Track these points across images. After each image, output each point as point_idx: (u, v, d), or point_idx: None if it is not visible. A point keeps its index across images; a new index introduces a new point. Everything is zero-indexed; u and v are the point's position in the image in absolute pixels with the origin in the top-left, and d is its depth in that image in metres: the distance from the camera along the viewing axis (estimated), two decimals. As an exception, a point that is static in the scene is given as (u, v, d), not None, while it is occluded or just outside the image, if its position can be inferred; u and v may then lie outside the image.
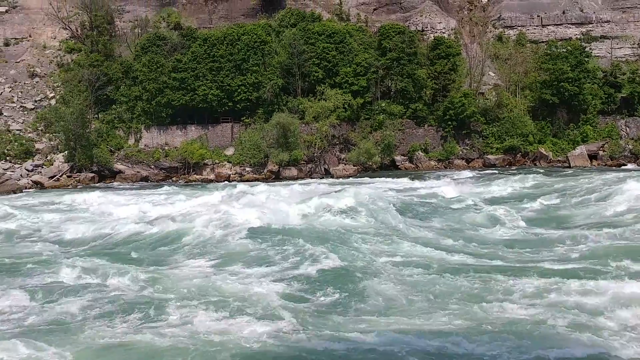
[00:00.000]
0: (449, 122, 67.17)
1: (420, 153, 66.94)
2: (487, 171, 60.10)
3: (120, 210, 37.03)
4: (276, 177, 61.21)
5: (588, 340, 15.62)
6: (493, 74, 74.66)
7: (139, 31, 77.40)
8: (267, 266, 23.68)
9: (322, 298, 20.00)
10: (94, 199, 42.55)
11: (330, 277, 21.79)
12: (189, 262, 25.20)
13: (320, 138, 63.77)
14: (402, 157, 67.31)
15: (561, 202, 37.60)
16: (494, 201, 39.24)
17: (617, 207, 33.41)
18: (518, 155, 67.29)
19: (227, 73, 66.40)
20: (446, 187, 44.01)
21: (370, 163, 64.14)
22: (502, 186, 45.56)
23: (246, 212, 32.15)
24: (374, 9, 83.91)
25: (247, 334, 16.53)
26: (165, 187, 52.29)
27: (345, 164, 64.65)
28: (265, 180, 59.04)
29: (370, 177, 56.82)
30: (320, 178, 60.50)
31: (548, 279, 20.65)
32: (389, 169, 65.51)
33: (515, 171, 58.43)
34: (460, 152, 67.96)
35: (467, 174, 57.12)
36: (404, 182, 50.02)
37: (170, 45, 68.98)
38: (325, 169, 64.26)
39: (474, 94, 69.09)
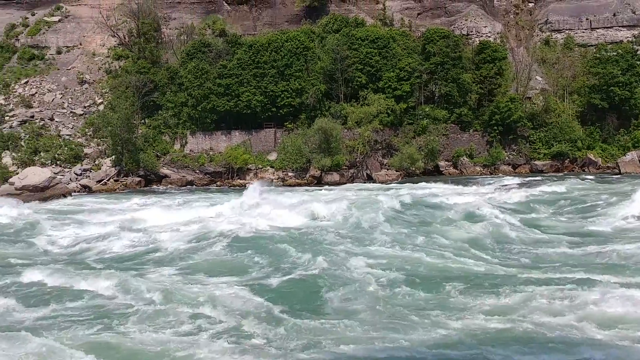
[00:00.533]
0: (495, 127, 66.07)
1: (465, 158, 66.00)
2: (534, 177, 58.91)
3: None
4: (318, 182, 61.23)
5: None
6: (540, 79, 73.09)
7: (185, 38, 78.70)
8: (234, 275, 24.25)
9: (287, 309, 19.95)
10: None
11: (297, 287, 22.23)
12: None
13: (362, 143, 63.51)
14: (446, 162, 66.50)
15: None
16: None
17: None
18: (566, 161, 65.66)
19: (270, 79, 66.85)
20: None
21: (413, 168, 63.56)
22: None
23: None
24: (418, 14, 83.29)
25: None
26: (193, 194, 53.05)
27: (387, 169, 64.23)
28: (308, 185, 59.18)
29: (413, 182, 56.28)
30: (363, 183, 60.26)
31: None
32: (433, 174, 64.73)
33: (561, 177, 57.43)
34: (507, 158, 66.72)
35: (512, 180, 56.14)
36: (445, 187, 49.60)
37: (215, 51, 69.88)
38: (367, 174, 63.93)
39: (520, 98, 67.75)
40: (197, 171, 65.22)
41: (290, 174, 63.62)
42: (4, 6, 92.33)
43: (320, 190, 51.62)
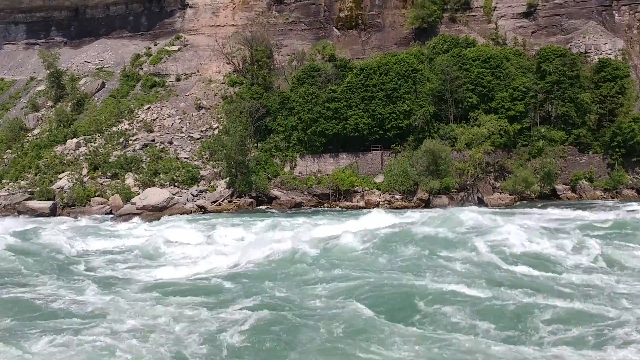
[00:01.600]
0: (617, 149, 62.16)
1: (584, 182, 62.42)
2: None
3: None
4: (426, 205, 60.11)
5: None
6: (668, 97, 68.10)
7: (296, 64, 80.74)
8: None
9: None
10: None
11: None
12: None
13: (473, 165, 61.75)
14: (564, 186, 63.17)
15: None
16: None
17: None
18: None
19: (379, 102, 66.86)
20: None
21: (528, 192, 60.90)
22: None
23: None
24: (532, 32, 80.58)
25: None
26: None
27: (500, 193, 61.94)
28: (415, 208, 58.24)
29: (529, 207, 53.83)
30: (475, 206, 58.43)
31: None
32: (550, 198, 61.63)
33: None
34: (630, 182, 62.40)
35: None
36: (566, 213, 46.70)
37: (324, 76, 71.03)
38: (478, 197, 61.96)
39: (645, 118, 63.38)
40: (306, 193, 66.13)
41: (397, 196, 62.97)
42: (131, 38, 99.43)
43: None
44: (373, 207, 59.66)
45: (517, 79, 65.69)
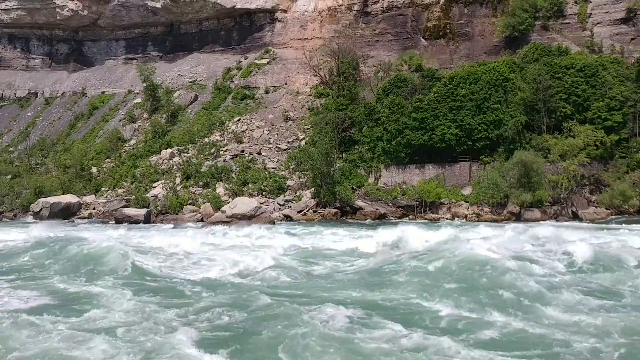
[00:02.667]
0: None
1: (689, 196, 58.42)
2: None
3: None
4: (517, 218, 58.13)
5: None
6: None
7: (382, 75, 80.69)
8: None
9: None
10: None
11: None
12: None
13: (567, 178, 59.21)
14: (666, 200, 59.35)
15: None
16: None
17: None
18: None
19: (467, 112, 65.59)
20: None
21: (626, 206, 57.68)
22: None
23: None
24: (632, 39, 76.64)
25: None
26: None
27: (596, 207, 58.99)
28: (505, 221, 56.50)
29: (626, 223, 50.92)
30: (568, 221, 56.03)
31: None
32: (650, 213, 58.13)
33: None
34: None
35: None
36: None
37: (411, 86, 70.55)
38: (572, 211, 59.29)
39: None
40: (390, 204, 65.67)
41: (485, 209, 61.30)
42: (223, 52, 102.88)
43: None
44: (461, 220, 58.48)
45: (614, 88, 62.56)
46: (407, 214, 64.10)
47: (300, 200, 66.65)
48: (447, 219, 60.71)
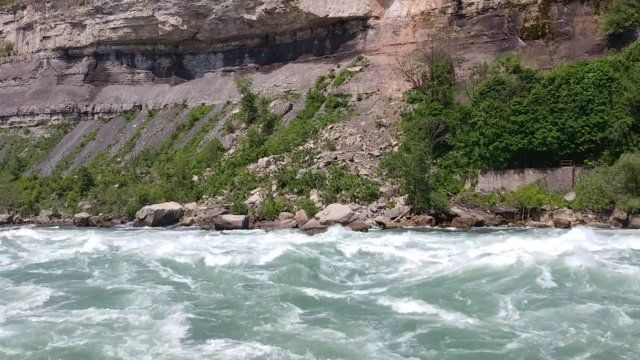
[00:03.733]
0: None
1: None
2: None
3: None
4: (624, 225, 54.83)
5: None
6: None
7: (478, 77, 78.70)
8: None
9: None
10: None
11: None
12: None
13: (681, 182, 55.21)
14: None
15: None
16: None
17: None
18: None
19: (569, 114, 62.69)
20: None
21: None
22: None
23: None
24: None
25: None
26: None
27: None
28: (612, 228, 53.42)
29: None
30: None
31: None
32: None
33: None
34: None
35: None
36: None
37: (509, 89, 68.37)
38: (688, 218, 55.15)
39: None
40: (488, 211, 63.78)
41: (590, 215, 58.24)
42: (316, 61, 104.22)
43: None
44: (563, 227, 55.85)
45: None
46: (506, 221, 61.98)
47: (394, 207, 66.13)
48: (548, 226, 58.24)
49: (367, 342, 18.43)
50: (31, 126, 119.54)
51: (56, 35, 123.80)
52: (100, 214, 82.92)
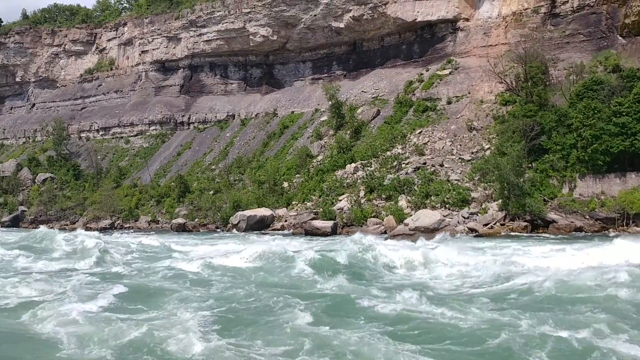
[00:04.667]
0: None
1: None
2: None
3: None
4: None
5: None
6: None
7: (574, 78, 75.42)
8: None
9: None
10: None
11: None
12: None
13: None
14: None
15: None
16: None
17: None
18: None
19: (674, 113, 58.84)
20: None
21: None
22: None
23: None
24: None
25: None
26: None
27: None
28: None
29: None
30: None
31: None
32: None
33: None
34: None
35: None
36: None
37: (607, 89, 65.02)
38: None
39: None
40: (587, 217, 60.76)
41: (703, 221, 54.29)
42: (404, 66, 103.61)
43: None
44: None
45: None
46: (607, 227, 58.85)
47: (486, 212, 64.32)
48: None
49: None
50: (131, 136, 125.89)
51: (153, 49, 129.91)
52: (196, 220, 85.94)
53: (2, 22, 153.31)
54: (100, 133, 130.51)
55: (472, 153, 76.39)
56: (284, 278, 31.51)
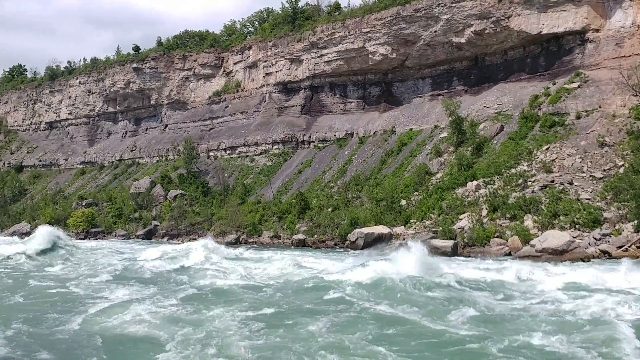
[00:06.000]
0: None
1: None
2: None
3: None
4: None
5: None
6: None
7: None
8: None
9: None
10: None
11: None
12: None
13: None
14: None
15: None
16: None
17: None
18: None
19: None
20: None
21: None
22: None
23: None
24: None
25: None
26: None
27: None
28: None
29: None
30: None
31: None
32: None
33: None
34: None
35: None
36: None
37: None
38: None
39: None
40: None
41: None
42: (529, 79, 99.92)
43: None
44: None
45: None
46: None
47: (620, 234, 60.13)
48: None
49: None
50: (255, 155, 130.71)
51: (277, 72, 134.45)
52: (315, 236, 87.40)
53: (140, 49, 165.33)
54: (227, 152, 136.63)
55: (604, 170, 71.83)
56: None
